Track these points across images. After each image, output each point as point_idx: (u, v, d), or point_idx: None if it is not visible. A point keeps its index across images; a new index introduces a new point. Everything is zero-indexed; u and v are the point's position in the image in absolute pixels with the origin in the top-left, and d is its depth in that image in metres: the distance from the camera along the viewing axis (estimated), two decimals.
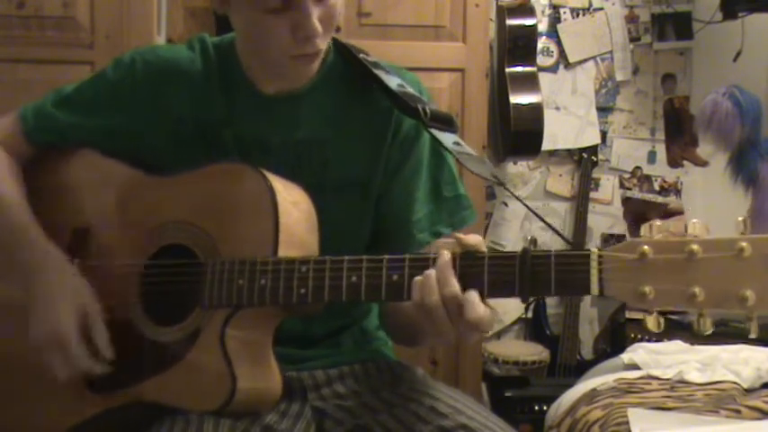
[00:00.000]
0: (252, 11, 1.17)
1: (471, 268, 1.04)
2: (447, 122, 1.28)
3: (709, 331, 0.94)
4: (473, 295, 1.03)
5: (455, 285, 1.03)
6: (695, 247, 0.93)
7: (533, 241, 3.30)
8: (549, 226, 1.26)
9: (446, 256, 1.05)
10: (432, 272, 1.05)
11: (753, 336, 0.93)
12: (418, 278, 1.05)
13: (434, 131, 1.25)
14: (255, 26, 1.20)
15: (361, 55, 1.31)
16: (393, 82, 1.28)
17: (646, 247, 0.95)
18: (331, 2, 1.19)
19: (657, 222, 0.97)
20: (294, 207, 1.18)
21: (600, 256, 0.98)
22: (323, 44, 1.21)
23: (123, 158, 1.32)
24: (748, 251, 0.91)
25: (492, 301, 1.06)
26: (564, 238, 2.48)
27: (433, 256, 1.06)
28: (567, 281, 0.99)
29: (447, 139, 1.25)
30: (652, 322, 0.98)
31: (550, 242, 3.29)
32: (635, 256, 0.95)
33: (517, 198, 1.35)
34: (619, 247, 0.98)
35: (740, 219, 0.93)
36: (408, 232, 1.30)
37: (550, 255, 1.00)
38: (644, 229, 0.97)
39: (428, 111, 1.24)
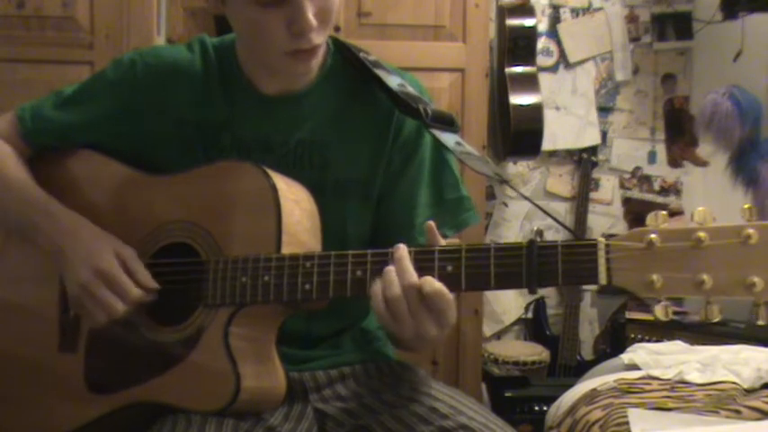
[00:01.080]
0: (247, 6, 1.17)
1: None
2: (448, 123, 1.28)
3: (717, 319, 0.94)
4: (429, 279, 1.04)
5: (413, 275, 1.05)
6: (702, 234, 0.93)
7: (539, 233, 3.30)
8: (555, 220, 1.25)
9: (402, 249, 1.07)
10: (390, 267, 1.06)
11: (761, 323, 0.93)
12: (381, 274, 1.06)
13: (435, 132, 1.25)
14: (251, 22, 1.19)
15: (362, 54, 1.31)
16: (394, 82, 1.28)
17: (653, 235, 0.95)
18: None
19: (663, 212, 0.97)
20: (296, 205, 1.18)
21: (607, 245, 0.98)
22: (318, 39, 1.19)
23: (123, 159, 1.32)
24: (755, 238, 0.91)
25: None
26: (571, 231, 2.48)
27: (438, 248, 1.07)
28: (575, 271, 1.00)
29: (448, 139, 1.25)
30: (660, 311, 0.97)
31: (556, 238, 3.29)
32: (642, 244, 0.96)
33: (522, 195, 1.34)
34: (626, 236, 0.98)
35: (746, 206, 0.93)
36: (410, 236, 1.29)
37: (557, 245, 1.01)
38: (650, 218, 0.98)
39: (429, 111, 1.24)
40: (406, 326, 1.06)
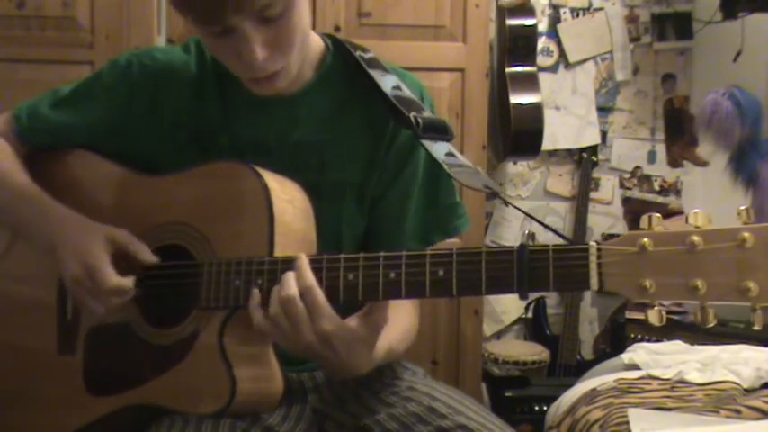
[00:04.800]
0: (203, 35, 1.15)
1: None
2: (441, 131, 1.25)
3: (712, 324, 0.92)
4: (306, 276, 1.06)
5: (311, 279, 1.06)
6: (696, 238, 0.90)
7: (531, 236, 3.30)
8: (549, 228, 1.23)
9: (302, 256, 1.08)
10: (290, 272, 1.07)
11: (757, 328, 0.91)
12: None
13: (427, 143, 1.22)
14: (211, 49, 1.19)
15: (358, 53, 1.29)
16: (389, 84, 1.26)
17: (645, 239, 0.93)
18: (283, 21, 1.11)
19: (657, 214, 0.95)
20: (289, 204, 1.16)
21: (599, 250, 0.95)
22: (274, 66, 1.15)
23: (118, 160, 1.31)
24: (751, 241, 0.88)
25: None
26: (564, 237, 2.47)
27: (430, 252, 1.05)
28: (566, 276, 0.97)
29: (440, 150, 1.23)
30: (654, 316, 0.94)
31: (551, 241, 3.29)
32: (635, 249, 0.93)
33: (513, 206, 1.33)
34: (618, 240, 0.95)
35: (742, 208, 0.90)
36: (400, 240, 1.29)
37: (548, 249, 0.98)
38: (643, 221, 0.95)
39: (420, 121, 1.22)
40: (288, 341, 1.08)
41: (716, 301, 0.91)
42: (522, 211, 1.29)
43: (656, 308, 0.95)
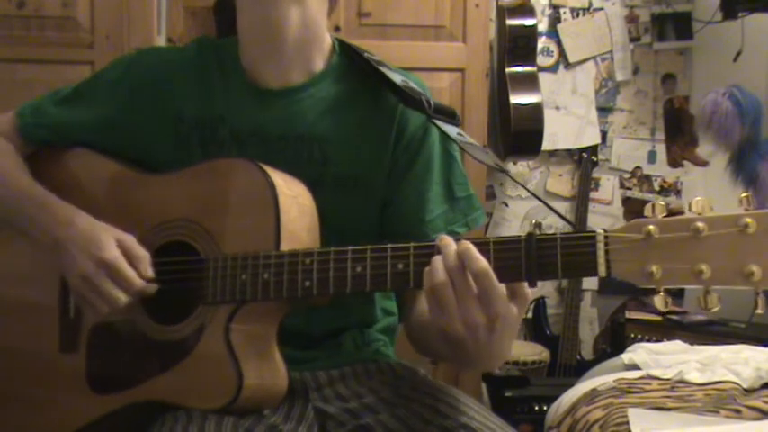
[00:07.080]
0: None
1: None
2: (450, 116, 1.28)
3: (716, 308, 0.94)
4: (476, 257, 0.99)
5: (456, 259, 1.00)
6: (700, 224, 0.93)
7: (538, 225, 3.30)
8: (553, 209, 1.24)
9: (448, 238, 1.03)
10: (438, 256, 1.02)
11: (760, 311, 0.93)
12: (427, 267, 1.02)
13: (438, 123, 1.25)
14: None
15: (366, 54, 1.31)
16: (397, 78, 1.28)
17: (651, 226, 0.96)
18: None
19: (661, 202, 0.98)
20: (294, 201, 1.17)
21: (606, 237, 0.98)
22: None
23: (121, 157, 1.32)
24: (753, 226, 0.91)
25: None
26: (569, 222, 2.48)
27: (437, 243, 1.03)
28: (574, 263, 0.99)
29: (450, 130, 1.26)
30: (659, 301, 0.97)
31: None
32: (641, 235, 0.96)
33: (522, 186, 1.35)
34: (624, 227, 0.98)
35: (743, 195, 0.93)
36: (423, 233, 1.27)
37: (556, 237, 1.00)
38: (647, 209, 0.98)
39: (432, 103, 1.25)
40: (452, 314, 1.00)
41: (720, 285, 0.94)
42: (531, 193, 1.30)
43: (661, 293, 0.97)
